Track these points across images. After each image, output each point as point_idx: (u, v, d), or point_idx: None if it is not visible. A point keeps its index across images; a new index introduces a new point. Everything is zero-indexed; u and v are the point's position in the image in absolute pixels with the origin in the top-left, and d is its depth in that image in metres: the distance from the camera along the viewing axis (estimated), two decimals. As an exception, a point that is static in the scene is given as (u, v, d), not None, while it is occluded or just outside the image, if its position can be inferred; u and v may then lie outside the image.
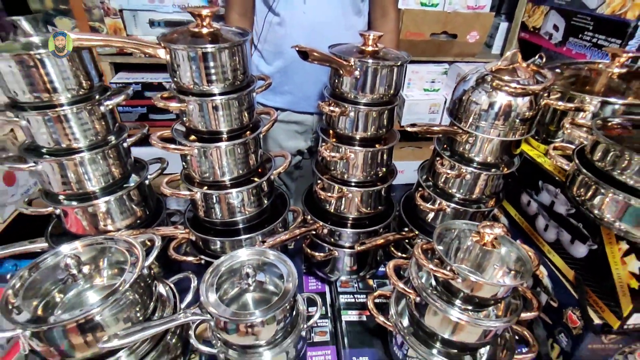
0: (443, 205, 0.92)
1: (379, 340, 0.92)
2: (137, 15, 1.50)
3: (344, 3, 1.16)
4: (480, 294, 0.68)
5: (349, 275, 1.07)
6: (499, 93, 0.77)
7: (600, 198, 0.68)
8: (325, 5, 1.14)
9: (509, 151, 0.86)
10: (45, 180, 0.79)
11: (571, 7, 1.21)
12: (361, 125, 0.87)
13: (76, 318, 0.60)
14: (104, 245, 0.73)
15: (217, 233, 0.92)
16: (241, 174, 0.86)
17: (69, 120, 0.74)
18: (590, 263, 0.74)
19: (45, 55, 0.67)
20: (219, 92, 0.77)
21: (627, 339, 0.75)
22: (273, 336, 0.73)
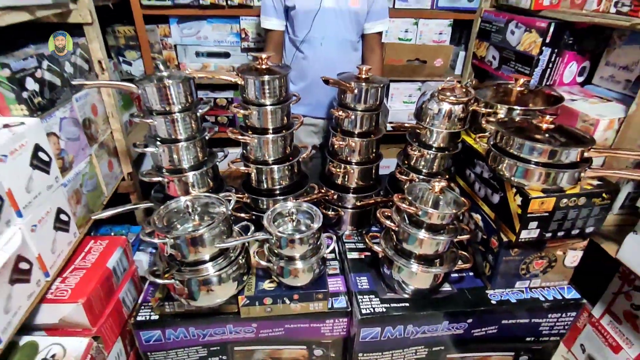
0: (414, 177, 1.38)
1: (373, 269, 1.36)
2: (186, 49, 1.96)
3: (346, 45, 1.69)
4: (434, 222, 1.13)
5: (350, 230, 1.51)
6: (444, 103, 1.25)
7: (502, 165, 1.13)
8: (335, 46, 1.66)
9: (454, 140, 1.33)
10: (159, 159, 1.23)
11: (502, 44, 1.72)
12: (358, 124, 1.33)
13: (196, 232, 1.03)
14: (203, 199, 1.16)
15: (263, 196, 1.36)
16: (280, 157, 1.31)
17: (178, 121, 1.18)
18: (501, 205, 1.20)
19: (170, 84, 1.12)
20: (269, 104, 1.22)
21: (525, 252, 1.20)
22: (305, 253, 1.16)
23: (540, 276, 1.27)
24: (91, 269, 1.18)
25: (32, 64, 1.04)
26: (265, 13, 1.66)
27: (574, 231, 1.14)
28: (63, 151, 1.17)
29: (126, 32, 1.88)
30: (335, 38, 1.66)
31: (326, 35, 1.65)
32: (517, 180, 1.10)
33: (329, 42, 1.66)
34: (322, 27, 1.63)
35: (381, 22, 1.71)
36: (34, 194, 0.99)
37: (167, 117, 1.16)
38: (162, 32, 1.92)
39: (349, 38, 1.69)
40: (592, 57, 1.52)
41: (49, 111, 1.11)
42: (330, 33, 1.65)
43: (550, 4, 1.50)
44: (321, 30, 1.64)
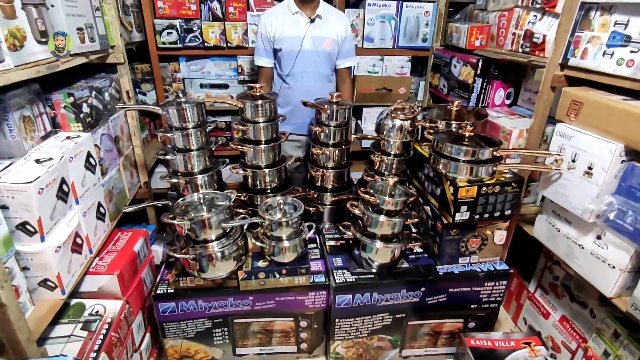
0: (377, 179, 1.75)
1: (346, 252, 1.68)
2: (192, 81, 2.36)
3: (322, 78, 2.10)
4: (390, 208, 1.48)
5: (330, 223, 1.85)
6: (396, 119, 1.63)
7: (440, 164, 1.50)
8: (313, 79, 2.07)
9: (407, 148, 1.71)
10: (176, 164, 1.57)
11: (448, 75, 2.15)
12: (332, 137, 1.70)
13: (206, 216, 1.36)
14: (211, 195, 1.50)
15: (257, 194, 1.70)
16: (271, 163, 1.67)
17: (191, 135, 1.53)
18: (441, 195, 1.55)
19: (186, 106, 1.49)
20: (262, 121, 1.60)
21: (462, 232, 1.54)
22: (290, 234, 1.49)
23: (477, 253, 1.60)
24: (121, 251, 1.49)
25: (86, 94, 1.40)
26: (258, 54, 2.08)
27: (496, 214, 1.49)
28: (102, 159, 1.51)
29: (143, 68, 2.27)
30: (313, 72, 2.07)
31: (306, 70, 2.06)
32: (451, 175, 1.46)
33: (308, 76, 2.07)
34: (303, 64, 2.04)
35: (350, 59, 2.14)
36: (86, 187, 1.32)
37: (184, 132, 1.52)
38: (173, 68, 2.32)
39: (324, 72, 2.11)
40: (515, 84, 1.95)
41: (95, 128, 1.46)
42: (309, 68, 2.06)
43: (480, 45, 1.94)
44: (302, 67, 2.05)
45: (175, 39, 2.17)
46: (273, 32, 2.01)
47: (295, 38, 2.00)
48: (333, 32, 2.04)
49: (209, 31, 2.20)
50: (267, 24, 2.01)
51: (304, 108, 1.62)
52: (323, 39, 2.02)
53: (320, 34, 2.02)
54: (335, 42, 2.05)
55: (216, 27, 2.20)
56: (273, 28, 2.01)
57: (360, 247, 1.55)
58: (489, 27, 1.89)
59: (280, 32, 2.00)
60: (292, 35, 2.00)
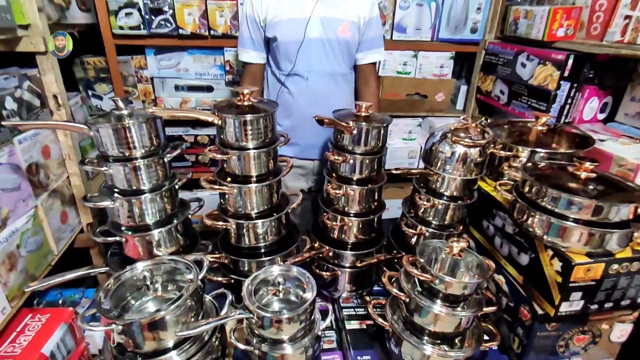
0: (423, 230, 1.18)
1: (378, 343, 1.12)
2: (165, 82, 1.80)
3: (335, 79, 1.52)
4: (453, 292, 0.92)
5: (349, 292, 1.29)
6: (458, 145, 1.07)
7: (532, 220, 0.95)
8: (322, 80, 1.50)
9: (469, 187, 1.15)
10: (115, 214, 1.01)
11: (511, 78, 1.58)
12: (357, 170, 1.14)
13: (153, 316, 0.80)
14: (167, 264, 0.94)
15: (245, 256, 1.14)
16: (265, 208, 1.11)
17: (140, 169, 0.98)
18: (531, 268, 1.00)
19: (131, 124, 0.93)
20: (252, 147, 1.03)
21: (564, 326, 0.99)
22: (295, 333, 0.93)
23: (581, 354, 1.06)
24: (21, 356, 0.93)
25: (-47, 102, 0.84)
26: (242, 45, 1.51)
27: (624, 302, 0.94)
28: (-7, 206, 0.95)
29: (96, 63, 1.71)
30: (323, 71, 1.50)
31: (312, 68, 1.49)
32: (551, 240, 0.92)
33: (315, 76, 1.50)
34: (308, 59, 1.47)
35: (375, 51, 1.56)
36: (-62, 268, 0.76)
37: (127, 165, 0.95)
38: (137, 64, 1.76)
39: (339, 70, 1.53)
40: (614, 93, 1.38)
41: (-25, 158, 0.90)
42: (317, 66, 1.49)
43: (565, 35, 1.37)
44: (306, 63, 1.48)
45: (137, 23, 1.61)
46: (264, 13, 1.45)
47: (297, 21, 1.43)
48: (352, 12, 1.47)
49: (185, 13, 1.63)
50: (254, 2, 1.45)
51: (311, 122, 1.05)
52: (338, 21, 1.46)
53: (333, 15, 1.45)
54: (356, 27, 1.49)
55: (194, 6, 1.62)
56: (264, 7, 1.45)
57: (402, 345, 0.99)
58: (579, 9, 1.32)
59: (275, 13, 1.44)
60: (293, 18, 1.43)
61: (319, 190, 1.67)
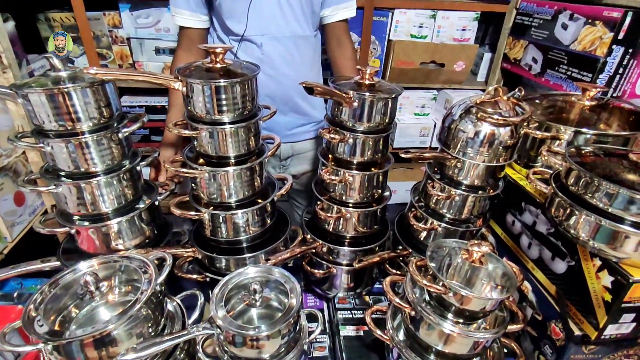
0: (434, 224, 0.99)
1: (376, 354, 0.97)
2: (143, 44, 1.58)
3: (297, 42, 1.25)
4: (470, 308, 0.74)
5: (346, 292, 1.12)
6: (483, 123, 0.86)
7: (575, 219, 0.75)
8: (281, 46, 1.24)
9: (494, 175, 0.94)
10: (62, 201, 0.84)
11: (547, 42, 1.33)
12: (359, 151, 0.94)
13: (94, 332, 0.64)
14: (119, 262, 0.77)
15: (222, 251, 0.97)
16: (247, 195, 0.92)
17: (89, 146, 0.79)
18: (569, 278, 0.81)
19: (72, 89, 0.74)
20: (228, 121, 0.84)
21: (605, 349, 0.81)
22: (277, 350, 0.77)
23: (620, 378, 0.87)
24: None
25: None
26: (173, 3, 1.20)
27: (685, 324, 0.75)
28: None
29: (64, 20, 1.49)
30: (280, 34, 1.22)
31: (267, 31, 1.22)
32: (600, 247, 0.73)
33: (271, 41, 1.23)
34: (260, 19, 1.20)
35: (346, 5, 1.29)
36: None
37: (70, 141, 0.77)
38: (111, 22, 1.54)
39: (300, 33, 1.25)
40: (676, 62, 1.13)
41: None
42: (272, 28, 1.21)
43: (620, -11, 1.11)
44: (260, 26, 1.20)
45: (107, -29, 1.37)
46: None
47: None
48: None
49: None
50: None
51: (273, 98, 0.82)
52: None
53: None
54: None
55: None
56: None
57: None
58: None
59: None
60: None
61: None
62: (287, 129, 1.36)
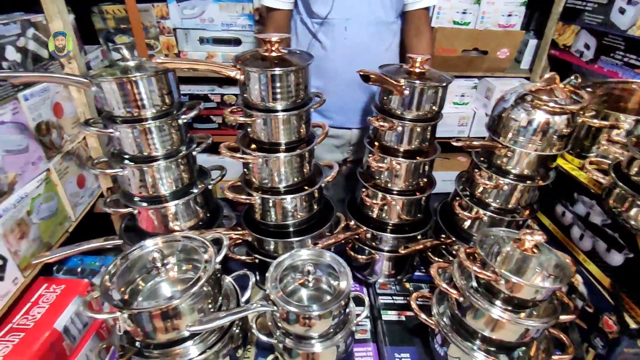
0: (480, 213, 0.99)
1: (419, 339, 0.98)
2: (188, 34, 1.63)
3: (380, 28, 1.26)
4: (520, 296, 0.74)
5: (387, 278, 1.14)
6: (538, 111, 0.84)
7: (637, 210, 0.73)
8: (364, 31, 1.24)
9: (546, 165, 0.93)
10: (126, 182, 0.90)
11: (602, 27, 1.27)
12: (406, 139, 0.95)
13: (164, 305, 0.70)
14: (181, 242, 0.82)
15: (270, 234, 1.00)
16: (296, 181, 0.95)
17: (152, 132, 0.84)
18: (627, 271, 0.79)
19: (139, 78, 0.78)
20: (282, 109, 0.86)
21: (661, 344, 0.80)
22: (327, 330, 0.81)
23: (675, 376, 0.85)
24: (33, 330, 0.87)
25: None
26: None
27: None
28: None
29: (116, 12, 1.56)
30: (365, 19, 1.23)
31: (352, 16, 1.23)
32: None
33: (355, 26, 1.24)
34: (345, 4, 1.21)
35: None
36: None
37: (136, 127, 0.82)
38: (159, 13, 1.60)
39: (384, 18, 1.26)
40: None
41: (-29, 116, 0.79)
42: (358, 12, 1.22)
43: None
44: (345, 10, 1.22)
45: (157, -36, 1.42)
46: None
47: None
48: None
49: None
50: None
51: (349, 83, 0.85)
52: None
53: None
54: None
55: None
56: None
57: (447, 346, 0.84)
58: None
59: None
60: None
61: (356, 161, 1.47)
62: (361, 115, 1.38)
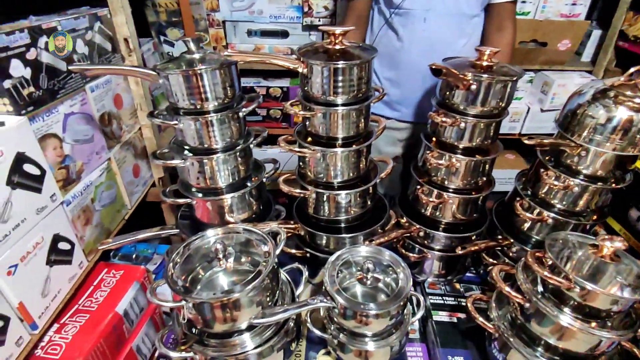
0: (543, 215, 0.94)
1: (472, 342, 0.95)
2: (237, 26, 1.64)
3: (461, 21, 1.19)
4: (594, 305, 0.70)
5: (437, 277, 1.11)
6: (620, 108, 0.78)
7: None
8: (444, 24, 1.18)
9: (623, 166, 0.86)
10: (186, 173, 0.92)
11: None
12: (467, 135, 0.91)
13: (227, 297, 0.70)
14: (240, 234, 0.83)
15: (321, 229, 1.00)
16: (351, 177, 0.94)
17: (213, 125, 0.85)
18: None
19: (204, 70, 0.79)
20: (341, 103, 0.85)
21: None
22: (383, 329, 0.79)
23: None
24: (97, 312, 0.91)
25: (20, 41, 0.75)
26: None
27: None
28: (68, 158, 0.90)
29: (168, 5, 1.60)
30: (447, 11, 1.16)
31: (433, 6, 1.16)
32: None
33: (436, 17, 1.17)
34: None
35: None
36: (13, 222, 0.72)
37: (199, 119, 0.83)
38: (209, 6, 1.62)
39: (468, 11, 1.18)
40: None
41: (47, 106, 0.83)
42: (440, 3, 1.16)
43: None
44: (424, 0, 1.16)
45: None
46: None
47: None
48: None
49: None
50: None
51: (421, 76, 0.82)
52: None
53: None
54: None
55: None
56: None
57: (507, 353, 0.81)
58: None
59: None
60: None
61: (409, 156, 1.43)
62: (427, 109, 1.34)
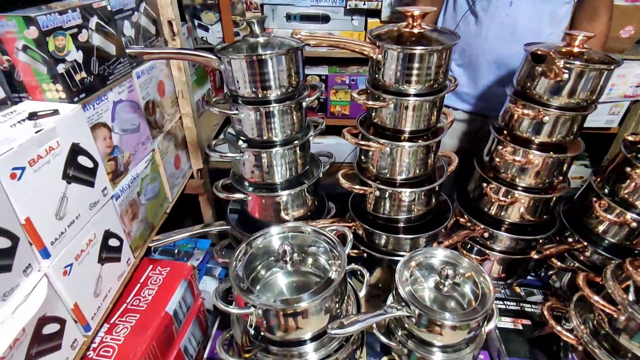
0: (625, 217, 0.87)
1: (542, 352, 0.89)
2: (275, 10, 1.56)
3: (551, 8, 1.08)
4: None
5: (496, 280, 1.05)
6: None
7: None
8: (533, 9, 1.07)
9: None
10: (240, 166, 0.86)
11: None
12: (547, 130, 0.84)
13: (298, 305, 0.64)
14: (304, 234, 0.77)
15: (380, 228, 0.94)
16: (417, 174, 0.87)
17: (275, 116, 0.79)
18: None
19: (268, 56, 0.72)
20: (414, 93, 0.78)
21: None
22: (457, 342, 0.74)
23: None
24: (147, 312, 0.87)
25: (73, 21, 0.69)
26: None
27: None
28: (116, 149, 0.84)
29: (203, -13, 1.53)
30: None
31: None
32: None
33: (523, 2, 1.06)
34: None
35: None
36: (68, 219, 0.67)
37: (260, 109, 0.77)
38: (247, -12, 1.54)
39: None
40: None
41: (98, 93, 0.77)
42: None
43: None
44: None
45: None
46: None
47: None
48: None
49: None
50: None
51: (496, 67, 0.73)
52: None
53: None
54: None
55: None
56: None
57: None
58: None
59: None
60: None
61: (468, 150, 1.32)
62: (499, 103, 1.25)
